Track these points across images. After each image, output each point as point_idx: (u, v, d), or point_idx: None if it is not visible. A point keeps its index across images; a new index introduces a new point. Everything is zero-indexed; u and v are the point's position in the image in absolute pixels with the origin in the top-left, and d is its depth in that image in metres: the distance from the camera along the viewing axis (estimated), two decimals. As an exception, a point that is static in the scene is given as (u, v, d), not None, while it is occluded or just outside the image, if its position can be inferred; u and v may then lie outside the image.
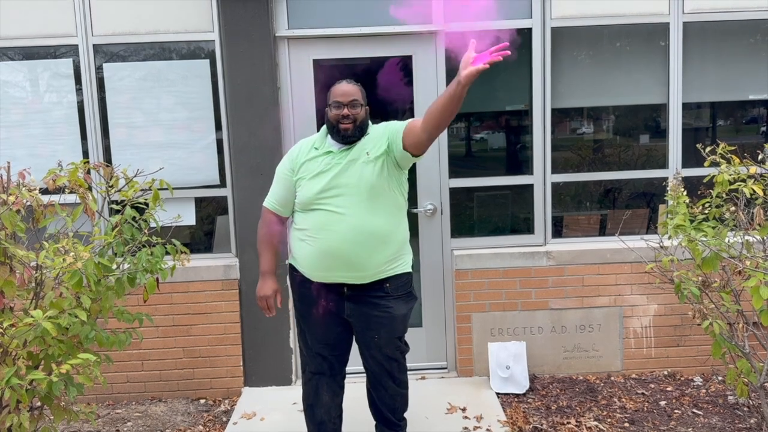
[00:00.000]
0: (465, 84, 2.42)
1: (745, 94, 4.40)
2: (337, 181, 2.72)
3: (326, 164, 2.77)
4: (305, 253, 2.80)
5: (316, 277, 2.83)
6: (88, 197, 2.74)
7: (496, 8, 3.99)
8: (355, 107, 2.76)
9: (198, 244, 4.24)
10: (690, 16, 4.11)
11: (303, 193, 2.79)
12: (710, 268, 2.97)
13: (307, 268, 2.83)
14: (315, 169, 2.78)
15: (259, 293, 2.99)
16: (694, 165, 4.14)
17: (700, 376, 4.18)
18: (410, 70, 4.08)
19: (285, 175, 2.88)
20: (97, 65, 4.04)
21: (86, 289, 2.58)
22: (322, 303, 2.86)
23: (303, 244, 2.81)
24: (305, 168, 2.81)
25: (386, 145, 2.74)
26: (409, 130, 2.69)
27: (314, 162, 2.80)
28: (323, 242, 2.73)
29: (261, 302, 2.99)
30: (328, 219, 2.72)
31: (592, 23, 4.08)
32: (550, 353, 4.19)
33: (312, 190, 2.75)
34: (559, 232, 4.33)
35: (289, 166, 2.87)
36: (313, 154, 2.82)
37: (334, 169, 2.75)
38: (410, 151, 2.70)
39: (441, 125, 2.57)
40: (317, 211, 2.75)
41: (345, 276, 2.78)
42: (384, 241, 2.75)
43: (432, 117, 2.56)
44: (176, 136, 4.10)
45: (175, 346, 4.08)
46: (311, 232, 2.76)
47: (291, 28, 4.01)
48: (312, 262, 2.79)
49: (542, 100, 4.10)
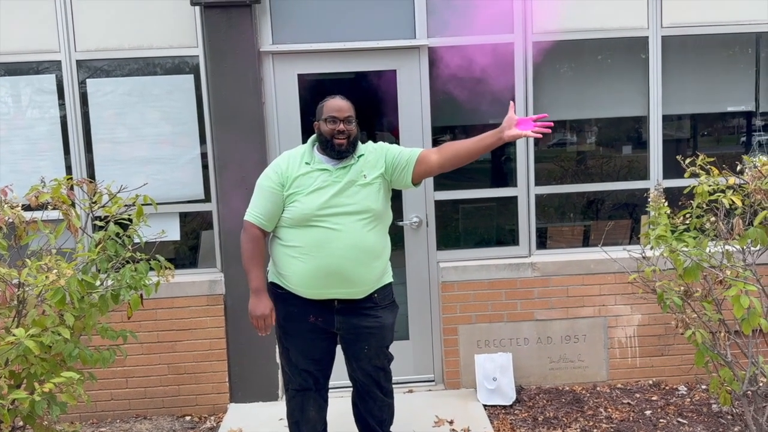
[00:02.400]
0: (506, 141, 2.66)
1: (723, 105, 4.48)
2: (336, 200, 2.72)
3: (323, 181, 2.74)
4: (298, 271, 2.75)
5: (309, 294, 2.79)
6: (71, 214, 2.73)
7: (478, 24, 4.04)
8: (349, 123, 2.78)
9: (183, 259, 4.22)
10: (668, 30, 4.18)
11: (299, 208, 2.72)
12: (692, 278, 3.01)
13: (300, 286, 2.78)
14: (311, 185, 2.74)
15: (255, 312, 2.83)
16: (675, 176, 4.19)
17: (684, 385, 4.21)
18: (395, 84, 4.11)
19: (273, 189, 2.77)
20: (81, 81, 4.04)
21: (69, 306, 2.56)
22: (311, 319, 2.83)
23: (295, 261, 2.75)
24: (299, 183, 2.75)
25: (383, 169, 2.80)
26: (421, 162, 2.78)
27: (308, 177, 2.75)
28: (320, 260, 2.71)
29: (258, 321, 2.83)
30: (325, 236, 2.70)
31: (572, 37, 4.14)
32: (537, 364, 4.21)
33: (310, 206, 2.71)
34: (543, 243, 4.36)
35: (277, 180, 2.77)
36: (305, 169, 2.77)
37: (332, 188, 2.73)
38: (415, 181, 2.82)
39: (461, 165, 2.78)
40: (314, 228, 2.71)
41: (341, 292, 2.78)
42: (377, 256, 2.81)
43: (456, 158, 2.74)
44: (160, 151, 4.10)
45: (160, 362, 4.05)
46: (306, 249, 2.73)
47: (275, 43, 4.03)
48: (307, 280, 2.75)
49: (525, 114, 4.14)
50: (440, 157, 2.77)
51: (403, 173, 2.81)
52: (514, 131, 2.62)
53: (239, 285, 3.96)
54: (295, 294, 2.81)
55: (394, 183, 2.86)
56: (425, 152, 2.82)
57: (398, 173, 2.82)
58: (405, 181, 2.83)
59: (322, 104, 2.85)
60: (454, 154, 2.74)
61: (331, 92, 2.93)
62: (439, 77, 4.08)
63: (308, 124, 4.01)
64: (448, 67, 4.06)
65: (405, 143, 4.12)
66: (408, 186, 2.86)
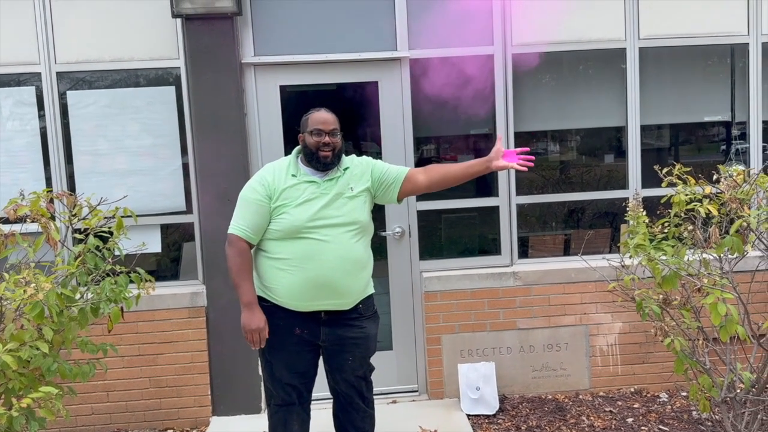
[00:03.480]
0: (493, 170, 2.86)
1: (700, 116, 4.56)
2: (325, 212, 2.74)
3: (311, 193, 2.76)
4: (286, 283, 2.75)
5: (297, 306, 2.78)
6: (51, 227, 2.71)
7: (459, 36, 4.07)
8: (335, 136, 2.80)
9: (164, 272, 4.19)
10: (645, 42, 4.25)
11: (289, 220, 2.72)
12: (670, 287, 3.05)
13: (287, 298, 2.78)
14: (299, 197, 2.74)
15: (249, 326, 2.76)
16: (654, 185, 4.24)
17: (665, 392, 4.25)
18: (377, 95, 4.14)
19: (259, 201, 2.76)
20: (61, 93, 4.01)
21: (48, 320, 2.53)
22: (297, 331, 2.82)
23: (283, 274, 2.75)
24: (287, 195, 2.75)
25: (369, 183, 2.86)
26: (408, 181, 2.89)
27: (296, 189, 2.76)
28: (310, 272, 2.72)
29: (253, 335, 2.77)
30: (315, 248, 2.71)
31: (552, 49, 4.19)
32: (519, 373, 4.23)
33: (300, 218, 2.71)
34: (525, 252, 4.39)
35: (264, 193, 2.76)
36: (292, 181, 2.77)
37: (320, 200, 2.75)
38: (399, 198, 2.93)
39: (447, 188, 3.00)
40: (303, 240, 2.72)
41: (330, 303, 2.79)
42: (364, 266, 2.85)
43: (444, 181, 2.92)
44: (141, 163, 4.08)
45: (141, 376, 4.01)
46: (295, 261, 2.73)
47: (257, 55, 4.04)
48: (295, 292, 2.75)
49: (505, 124, 4.18)
50: (428, 179, 2.90)
51: (389, 190, 2.89)
52: (501, 162, 2.80)
53: (221, 297, 3.94)
54: (281, 306, 2.80)
55: (379, 198, 2.93)
56: (413, 171, 2.91)
57: (384, 189, 2.89)
58: (390, 197, 2.92)
59: (307, 116, 2.86)
60: (442, 177, 2.90)
61: (314, 103, 2.95)
62: (421, 88, 4.11)
63: (291, 136, 4.03)
64: (430, 79, 4.09)
65: (387, 154, 4.14)
66: (392, 202, 2.97)
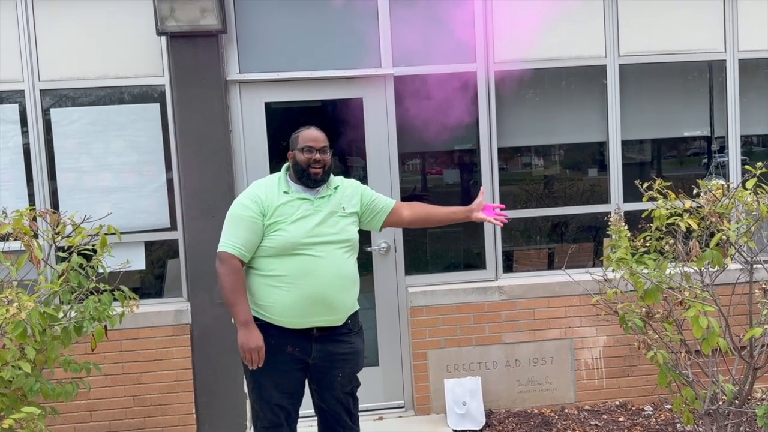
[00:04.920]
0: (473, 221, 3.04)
1: (680, 131, 4.63)
2: (320, 229, 2.77)
3: (306, 210, 2.78)
4: (280, 300, 2.75)
5: (291, 324, 2.77)
6: (34, 245, 2.69)
7: (442, 53, 4.12)
8: (325, 153, 2.84)
9: (148, 289, 4.17)
10: (625, 59, 4.32)
11: (284, 237, 2.73)
12: (652, 300, 3.08)
13: (282, 316, 2.77)
14: (294, 214, 2.76)
15: (248, 345, 2.73)
16: (637, 199, 4.27)
17: (650, 405, 4.27)
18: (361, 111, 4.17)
19: (253, 218, 2.74)
20: (45, 110, 4.00)
21: (31, 339, 2.51)
22: (288, 349, 2.80)
23: (277, 291, 2.75)
24: (281, 212, 2.75)
25: (358, 207, 2.95)
26: (394, 213, 3.02)
27: (290, 206, 2.77)
28: (306, 288, 2.73)
29: (253, 354, 2.73)
30: (310, 265, 2.73)
31: (533, 66, 4.26)
32: (505, 387, 4.23)
33: (296, 235, 2.73)
34: (510, 266, 4.42)
35: (257, 210, 2.74)
36: (285, 198, 2.79)
37: (314, 217, 2.77)
38: (382, 227, 3.05)
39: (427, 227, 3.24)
40: (298, 256, 2.73)
41: (323, 320, 2.80)
42: (354, 282, 2.90)
43: (426, 221, 3.14)
44: (126, 180, 4.07)
45: (125, 395, 3.97)
46: (291, 278, 2.73)
47: (242, 72, 4.06)
48: (290, 309, 2.75)
49: (489, 140, 4.23)
50: (412, 215, 3.05)
51: (375, 218, 3.00)
52: (480, 214, 3.00)
53: (206, 314, 3.93)
54: (273, 324, 2.79)
55: (363, 224, 3.01)
56: (399, 205, 3.06)
57: (370, 216, 2.99)
58: (374, 225, 3.03)
59: (297, 134, 2.89)
60: (425, 217, 3.09)
61: (299, 120, 2.98)
62: (405, 105, 4.14)
63: (276, 152, 4.04)
64: (414, 95, 4.13)
65: (373, 169, 4.17)
66: (374, 230, 3.09)
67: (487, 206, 3.04)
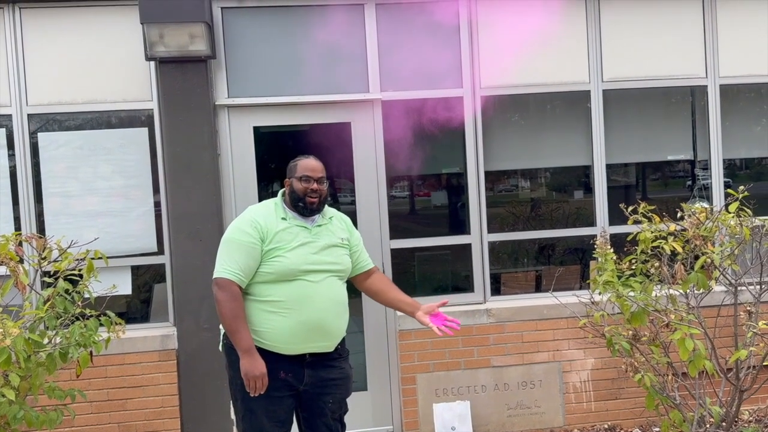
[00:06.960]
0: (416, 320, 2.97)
1: (664, 154, 4.70)
2: (318, 257, 2.79)
3: (304, 237, 2.79)
4: (277, 326, 2.73)
5: (286, 350, 2.76)
6: (19, 270, 2.67)
7: (429, 79, 4.18)
8: (322, 183, 2.86)
9: (134, 313, 4.13)
10: (609, 84, 4.40)
11: (284, 263, 2.73)
12: (639, 323, 3.10)
13: (278, 342, 2.75)
14: (293, 240, 2.77)
15: (253, 372, 2.68)
16: (623, 221, 4.31)
17: (639, 428, 4.27)
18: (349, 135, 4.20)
19: (252, 244, 2.72)
20: (32, 133, 3.99)
21: (15, 366, 2.48)
22: (281, 375, 2.77)
23: (274, 317, 2.73)
24: (280, 238, 2.76)
25: (348, 241, 2.97)
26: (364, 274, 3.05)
27: (288, 233, 2.78)
28: (304, 314, 2.72)
29: (257, 382, 2.70)
30: (308, 291, 2.74)
31: (519, 92, 4.32)
32: (494, 411, 4.22)
33: (296, 261, 2.74)
34: (498, 289, 4.43)
35: (256, 236, 2.73)
36: (283, 224, 2.80)
37: (313, 244, 2.80)
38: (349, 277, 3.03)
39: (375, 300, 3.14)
40: (296, 282, 2.73)
41: (318, 345, 2.79)
42: (346, 308, 2.92)
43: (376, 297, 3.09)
44: (113, 204, 4.05)
45: (110, 421, 3.91)
46: (289, 304, 2.73)
47: (231, 96, 4.08)
48: (287, 335, 2.74)
49: (476, 164, 4.26)
50: (370, 285, 3.07)
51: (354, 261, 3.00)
52: (425, 318, 2.93)
53: (192, 339, 3.90)
54: (267, 350, 2.76)
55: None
56: (371, 270, 3.07)
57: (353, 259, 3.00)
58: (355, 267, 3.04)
59: (295, 162, 2.90)
60: (375, 292, 3.07)
61: (287, 144, 2.99)
62: (393, 129, 4.18)
63: (264, 176, 4.05)
64: (402, 120, 4.17)
65: (361, 192, 4.19)
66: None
67: (440, 314, 2.94)
